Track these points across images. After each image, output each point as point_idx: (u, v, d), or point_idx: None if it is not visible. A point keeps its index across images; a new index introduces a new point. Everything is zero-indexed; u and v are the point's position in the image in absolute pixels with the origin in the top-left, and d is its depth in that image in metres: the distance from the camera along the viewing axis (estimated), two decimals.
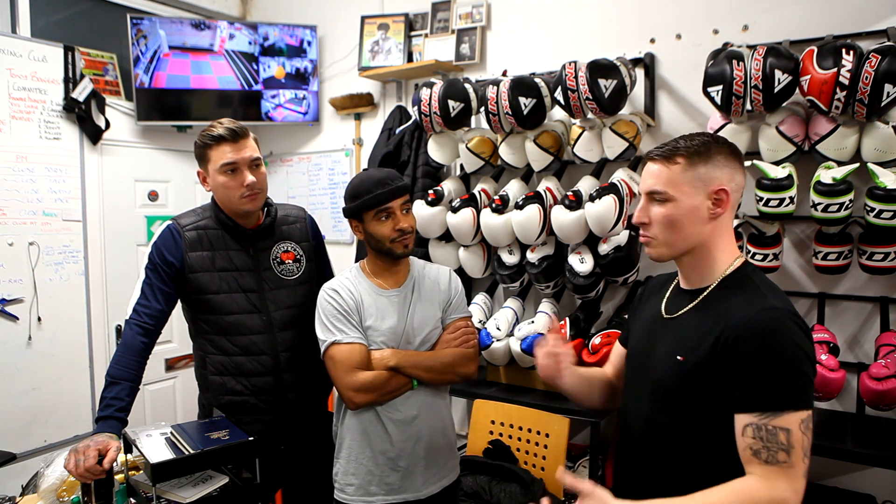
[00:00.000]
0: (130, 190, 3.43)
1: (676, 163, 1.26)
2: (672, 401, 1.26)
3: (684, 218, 1.25)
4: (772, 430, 1.12)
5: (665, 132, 2.60)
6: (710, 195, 1.25)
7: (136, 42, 3.32)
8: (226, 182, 1.80)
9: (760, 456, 1.12)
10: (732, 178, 1.27)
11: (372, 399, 1.72)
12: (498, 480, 2.31)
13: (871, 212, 1.98)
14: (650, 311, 1.42)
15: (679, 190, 1.25)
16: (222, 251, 1.87)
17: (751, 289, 1.24)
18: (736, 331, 1.17)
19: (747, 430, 1.14)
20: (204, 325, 1.89)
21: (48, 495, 1.68)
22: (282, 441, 1.91)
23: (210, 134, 1.81)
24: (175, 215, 1.94)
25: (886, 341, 2.08)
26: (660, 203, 1.27)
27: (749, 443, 1.14)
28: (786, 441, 1.11)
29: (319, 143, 3.75)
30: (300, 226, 2.02)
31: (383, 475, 1.76)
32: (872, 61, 1.91)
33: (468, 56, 3.09)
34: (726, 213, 1.27)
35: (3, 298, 2.85)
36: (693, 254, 1.30)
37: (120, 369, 1.75)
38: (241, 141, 1.81)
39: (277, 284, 1.90)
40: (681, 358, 1.25)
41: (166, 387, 3.55)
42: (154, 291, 1.82)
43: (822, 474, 2.29)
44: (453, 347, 1.82)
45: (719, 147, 1.27)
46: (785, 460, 1.11)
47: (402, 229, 1.75)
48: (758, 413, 1.14)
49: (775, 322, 1.17)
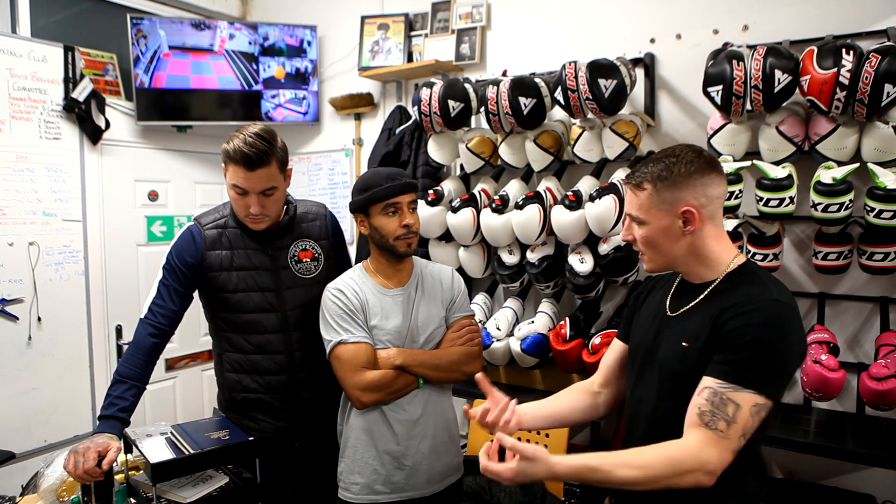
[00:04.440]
0: (130, 190, 3.43)
1: (644, 189, 1.32)
2: (679, 386, 1.28)
3: (659, 238, 1.32)
4: (724, 399, 1.17)
5: (665, 132, 2.60)
6: (679, 215, 1.29)
7: (136, 42, 3.32)
8: (235, 199, 1.80)
9: (703, 418, 1.18)
10: (703, 193, 1.29)
11: (379, 398, 1.73)
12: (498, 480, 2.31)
13: (871, 212, 1.98)
14: (654, 307, 1.45)
15: (649, 214, 1.32)
16: (241, 250, 1.87)
17: (756, 282, 1.27)
18: (735, 310, 1.22)
19: (704, 391, 1.20)
20: (221, 324, 1.90)
21: (48, 495, 1.68)
22: (295, 439, 1.91)
23: (230, 148, 1.73)
24: (196, 215, 1.94)
25: (886, 341, 2.08)
26: (638, 224, 1.35)
27: (699, 403, 1.20)
28: (731, 414, 1.16)
29: (319, 143, 3.75)
30: (320, 223, 1.99)
31: (389, 474, 1.76)
32: (872, 61, 1.91)
33: (468, 56, 3.09)
34: (705, 225, 1.30)
35: (3, 298, 2.84)
36: (685, 263, 1.35)
37: (129, 368, 1.75)
38: (257, 170, 1.72)
39: (294, 283, 1.90)
40: (686, 344, 1.28)
41: (166, 387, 3.55)
42: (170, 292, 1.82)
43: (823, 474, 2.29)
44: (458, 346, 1.83)
45: (683, 167, 1.29)
46: (722, 430, 1.16)
47: (408, 225, 1.76)
48: (720, 380, 1.19)
49: (778, 311, 1.20)
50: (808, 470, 2.30)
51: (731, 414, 1.16)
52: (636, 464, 1.18)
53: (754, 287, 1.25)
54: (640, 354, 1.43)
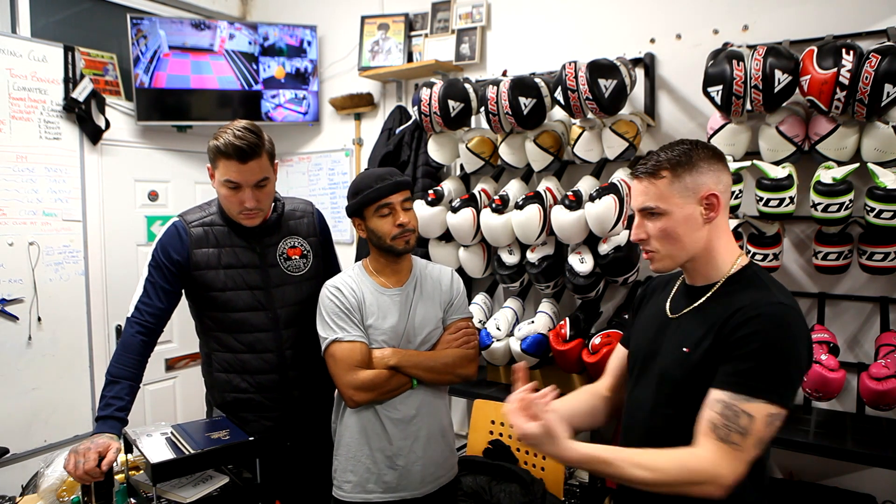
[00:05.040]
0: (130, 190, 3.43)
1: (662, 177, 1.27)
2: (678, 392, 1.27)
3: (680, 228, 1.27)
4: (737, 411, 1.15)
5: (665, 132, 2.60)
6: (701, 201, 1.26)
7: (136, 42, 3.32)
8: (227, 195, 1.78)
9: (718, 432, 1.15)
10: (719, 180, 1.28)
11: (372, 398, 1.73)
12: (498, 480, 2.31)
13: (871, 212, 1.98)
14: (654, 310, 1.43)
15: (670, 203, 1.26)
16: (228, 248, 1.85)
17: (758, 286, 1.26)
18: (740, 317, 1.19)
19: (716, 404, 1.17)
20: (210, 323, 1.88)
21: (48, 495, 1.68)
22: (287, 438, 1.91)
23: (220, 144, 1.72)
24: (181, 212, 1.92)
25: (886, 341, 2.08)
26: (654, 218, 1.29)
27: (711, 416, 1.17)
28: (746, 426, 1.14)
29: (319, 143, 3.75)
30: (307, 220, 1.99)
31: (381, 473, 1.76)
32: (872, 61, 1.91)
33: (468, 56, 3.09)
34: (721, 215, 1.29)
35: (3, 298, 2.84)
36: (695, 259, 1.31)
37: (120, 368, 1.74)
38: (251, 162, 1.72)
39: (283, 281, 1.89)
40: (687, 350, 1.26)
41: (166, 387, 3.55)
42: (157, 290, 1.81)
43: (822, 474, 2.29)
44: (454, 348, 1.82)
45: (699, 152, 1.28)
46: (737, 442, 1.14)
47: (403, 224, 1.75)
48: (731, 392, 1.16)
49: (783, 315, 1.18)
50: (808, 470, 2.30)
51: (745, 425, 1.14)
52: (650, 466, 1.17)
53: (757, 291, 1.24)
54: (639, 358, 1.41)
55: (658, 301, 1.43)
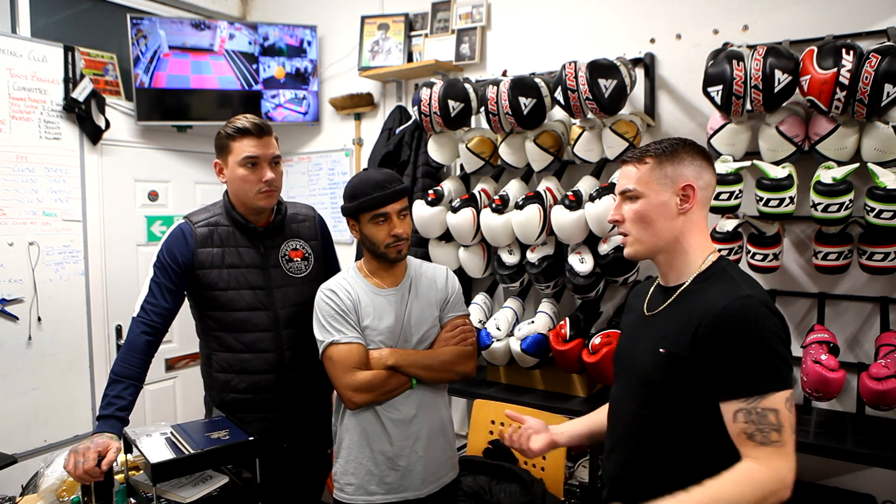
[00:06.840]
0: (130, 190, 3.43)
1: (646, 163, 1.33)
2: (656, 394, 1.29)
3: (654, 213, 1.32)
4: (761, 412, 1.16)
5: (665, 132, 2.60)
6: (678, 191, 1.31)
7: (136, 42, 3.32)
8: (245, 175, 1.83)
9: (755, 438, 1.16)
10: (700, 175, 1.33)
11: (371, 398, 1.73)
12: (498, 480, 2.31)
13: (871, 212, 1.98)
14: (634, 312, 1.47)
15: (648, 187, 1.32)
16: (232, 248, 1.88)
17: (725, 279, 1.28)
18: (712, 321, 1.22)
19: (738, 415, 1.18)
20: (211, 322, 1.89)
21: (48, 495, 1.68)
22: (285, 439, 1.91)
23: (235, 126, 1.83)
24: (187, 213, 1.95)
25: (886, 341, 2.08)
26: (631, 200, 1.34)
27: (742, 427, 1.18)
28: (776, 421, 1.16)
29: (319, 143, 3.75)
30: (309, 224, 2.03)
31: (383, 474, 1.76)
32: (872, 61, 1.90)
33: (468, 56, 3.09)
34: (696, 209, 1.33)
35: (3, 298, 2.84)
36: (667, 251, 1.35)
37: (125, 367, 1.76)
38: (266, 138, 1.85)
39: (285, 282, 1.91)
40: (663, 350, 1.29)
41: (166, 387, 3.55)
42: (162, 290, 1.83)
43: (822, 474, 2.29)
44: (451, 346, 1.82)
45: (687, 148, 1.34)
46: (777, 440, 1.15)
47: (398, 235, 1.74)
48: (744, 398, 1.18)
49: (748, 309, 1.21)
50: (808, 470, 2.30)
51: (775, 421, 1.15)
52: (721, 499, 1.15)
53: (725, 285, 1.26)
54: (622, 359, 1.44)
55: (638, 304, 1.46)
